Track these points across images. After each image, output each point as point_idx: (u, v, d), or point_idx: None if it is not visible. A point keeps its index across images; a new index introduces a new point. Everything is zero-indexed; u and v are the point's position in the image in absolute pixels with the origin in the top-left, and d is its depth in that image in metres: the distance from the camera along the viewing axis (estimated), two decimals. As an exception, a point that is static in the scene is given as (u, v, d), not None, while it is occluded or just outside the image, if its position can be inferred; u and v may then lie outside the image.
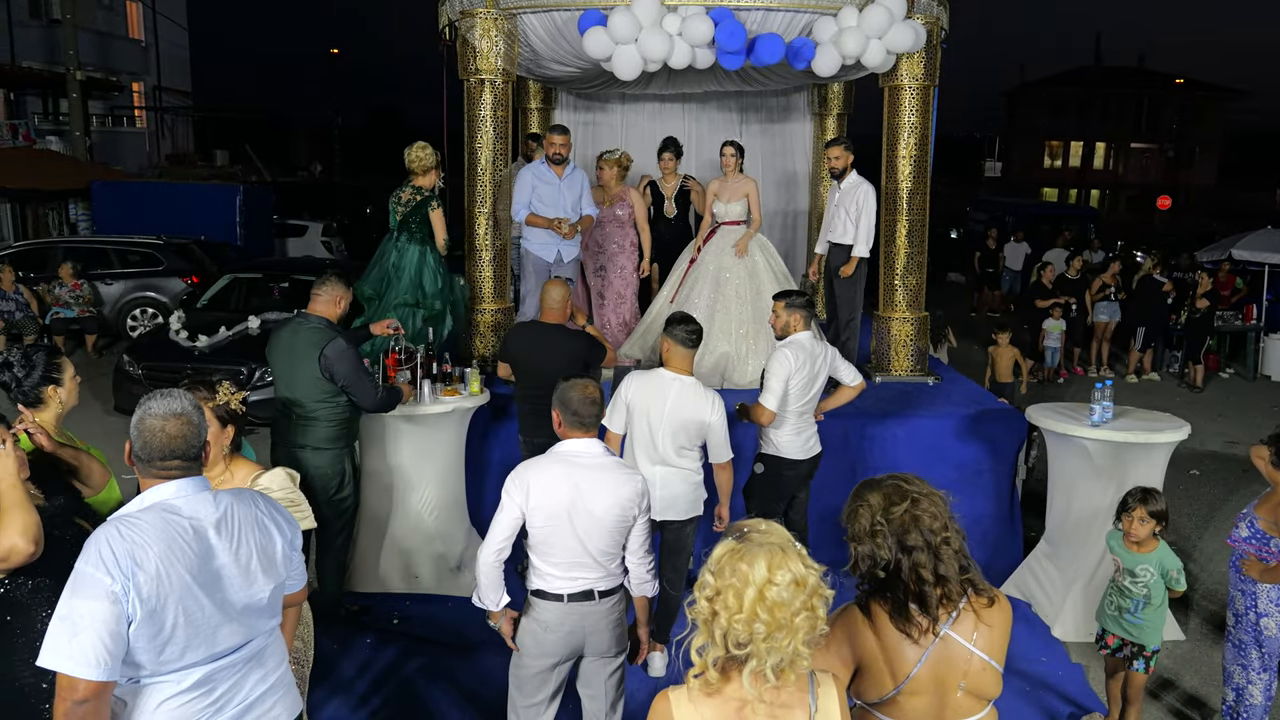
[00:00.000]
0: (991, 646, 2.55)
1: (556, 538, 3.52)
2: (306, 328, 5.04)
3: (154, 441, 2.55)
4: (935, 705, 2.56)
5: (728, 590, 2.14)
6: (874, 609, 2.57)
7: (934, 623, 2.52)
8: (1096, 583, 5.70)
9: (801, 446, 5.41)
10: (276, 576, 2.68)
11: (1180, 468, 8.66)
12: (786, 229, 10.14)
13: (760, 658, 2.13)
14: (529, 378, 5.62)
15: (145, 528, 2.44)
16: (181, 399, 2.62)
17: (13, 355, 3.67)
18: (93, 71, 25.58)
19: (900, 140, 7.43)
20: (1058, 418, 5.81)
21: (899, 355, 7.59)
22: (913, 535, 2.51)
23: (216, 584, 2.52)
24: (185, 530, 2.50)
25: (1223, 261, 14.48)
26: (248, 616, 2.60)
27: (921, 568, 2.50)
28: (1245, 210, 34.32)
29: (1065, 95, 55.36)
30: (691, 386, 4.79)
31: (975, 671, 2.54)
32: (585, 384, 3.67)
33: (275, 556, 2.68)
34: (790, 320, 5.33)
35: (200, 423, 2.63)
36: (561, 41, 7.07)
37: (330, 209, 22.78)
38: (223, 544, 2.55)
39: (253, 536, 2.63)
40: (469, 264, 7.51)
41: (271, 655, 2.75)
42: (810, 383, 5.30)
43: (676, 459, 4.82)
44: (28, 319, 12.52)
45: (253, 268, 12.70)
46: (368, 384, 5.06)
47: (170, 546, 2.44)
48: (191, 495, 2.57)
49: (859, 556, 2.58)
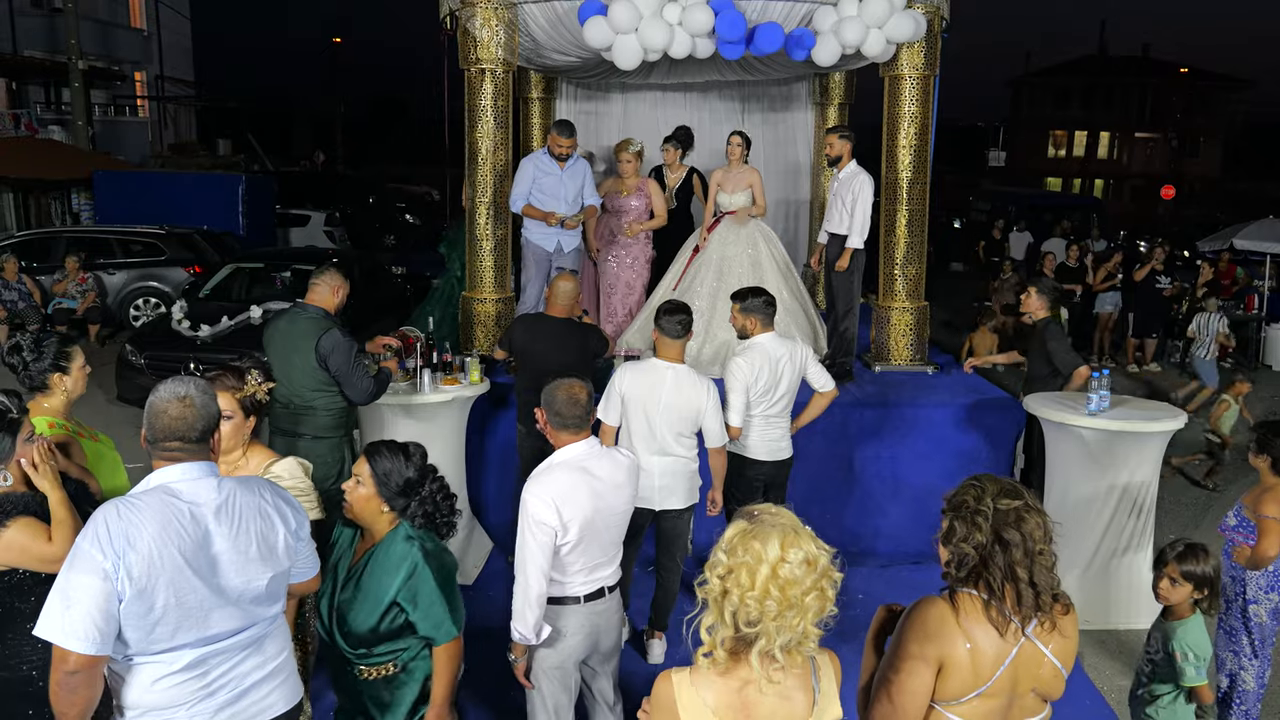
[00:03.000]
0: (1064, 653, 2.55)
1: (584, 544, 3.53)
2: (304, 317, 5.04)
3: (157, 423, 2.59)
4: (1005, 707, 2.55)
5: (740, 568, 2.16)
6: (963, 602, 2.50)
7: (1024, 622, 2.48)
8: (1093, 571, 5.73)
9: (766, 448, 5.26)
10: (277, 565, 2.69)
11: (1178, 457, 8.67)
12: (788, 219, 10.15)
13: (770, 637, 2.15)
14: (533, 371, 5.58)
15: (143, 508, 2.48)
16: (189, 384, 2.65)
17: (24, 340, 3.73)
18: (95, 61, 25.58)
19: (900, 130, 7.44)
20: (1054, 406, 5.83)
21: (898, 344, 7.61)
22: (1012, 533, 2.45)
23: (213, 568, 2.53)
24: (183, 513, 2.52)
25: (1223, 251, 14.48)
26: (245, 603, 2.61)
27: (1018, 565, 2.45)
28: (1250, 200, 34.24)
29: (1069, 84, 55.14)
30: (686, 373, 4.81)
31: (1047, 677, 2.54)
32: (571, 384, 3.63)
33: (277, 545, 2.68)
34: (747, 323, 5.19)
35: (205, 407, 2.64)
36: (562, 31, 7.07)
37: (333, 199, 22.81)
38: (221, 529, 2.57)
39: (254, 524, 2.64)
40: (469, 254, 7.54)
41: (272, 643, 2.75)
42: (773, 386, 5.14)
43: (675, 447, 4.84)
44: (30, 309, 12.55)
45: (255, 257, 12.74)
46: (360, 378, 5.06)
47: (165, 528, 2.47)
48: (195, 479, 2.59)
49: (953, 530, 2.52)
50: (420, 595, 3.03)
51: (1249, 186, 44.80)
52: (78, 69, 22.09)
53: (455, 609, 3.11)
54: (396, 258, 16.05)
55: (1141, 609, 5.48)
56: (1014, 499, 2.50)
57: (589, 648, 3.69)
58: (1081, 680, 5.13)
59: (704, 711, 2.22)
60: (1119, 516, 5.66)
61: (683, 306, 4.89)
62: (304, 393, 5.01)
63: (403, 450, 3.17)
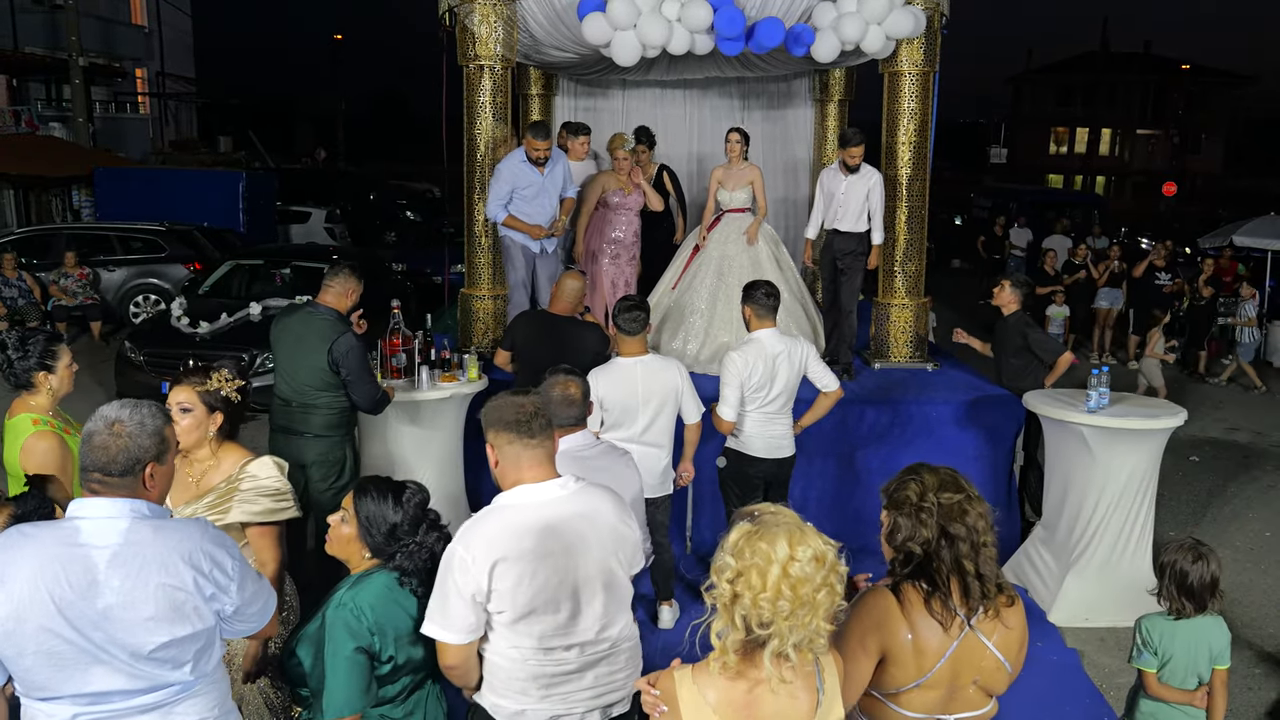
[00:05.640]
0: (1008, 646, 2.56)
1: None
2: (318, 318, 5.01)
3: (83, 448, 2.38)
4: (945, 698, 2.57)
5: (750, 570, 2.13)
6: (908, 594, 2.53)
7: (969, 614, 2.51)
8: (1092, 569, 5.72)
9: (765, 445, 5.24)
10: (182, 626, 2.32)
11: (1179, 454, 8.67)
12: (788, 216, 10.12)
13: (783, 637, 2.13)
14: (533, 368, 5.53)
15: (26, 545, 2.28)
16: (132, 408, 2.41)
17: (9, 337, 3.72)
18: (95, 57, 25.54)
19: (900, 126, 7.42)
20: (1054, 404, 5.81)
21: (898, 341, 7.59)
22: (957, 527, 2.50)
23: (94, 621, 2.25)
24: (71, 557, 2.26)
25: (1225, 248, 14.46)
26: (140, 664, 2.31)
27: (964, 559, 2.49)
28: (1252, 196, 34.17)
29: (1071, 81, 55.02)
30: (651, 361, 4.96)
31: (989, 670, 2.55)
32: (568, 382, 3.64)
33: (182, 605, 2.32)
34: (746, 313, 5.19)
35: (135, 439, 2.36)
36: (560, 27, 7.06)
37: (333, 195, 22.82)
38: (112, 580, 2.26)
39: (154, 578, 2.29)
40: (467, 250, 7.52)
41: (182, 713, 2.40)
42: (768, 382, 5.09)
43: (659, 438, 4.93)
44: (30, 305, 12.55)
45: (255, 254, 12.72)
46: (369, 384, 5.06)
47: (42, 570, 2.24)
48: (102, 519, 2.31)
49: (898, 527, 2.54)
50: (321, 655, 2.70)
51: (1251, 183, 44.72)
52: (78, 66, 22.09)
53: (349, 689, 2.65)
54: (397, 254, 16.05)
55: (1141, 607, 5.46)
56: (955, 492, 2.55)
57: None
58: (1081, 678, 5.13)
59: (704, 709, 2.21)
60: (1118, 514, 5.65)
61: (638, 304, 5.05)
62: (308, 391, 5.01)
63: (395, 491, 2.88)
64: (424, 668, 2.87)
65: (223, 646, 2.52)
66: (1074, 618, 5.65)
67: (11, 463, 3.73)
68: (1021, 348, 6.64)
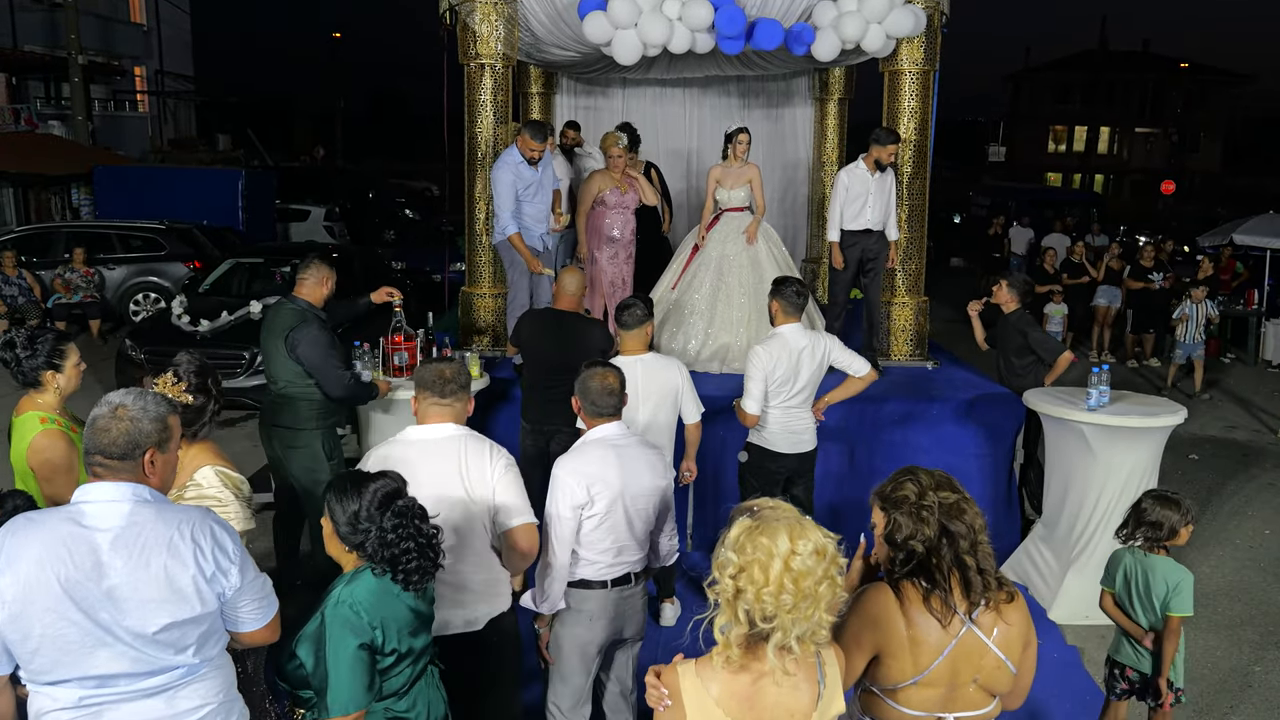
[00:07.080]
0: (1008, 644, 2.56)
1: (610, 522, 3.58)
2: (285, 309, 5.16)
3: (87, 432, 2.42)
4: (946, 696, 2.57)
5: (752, 565, 2.16)
6: (906, 591, 2.55)
7: (970, 610, 2.52)
8: (1093, 566, 5.72)
9: (788, 440, 5.26)
10: (185, 608, 2.36)
11: (1178, 452, 8.69)
12: (786, 215, 10.14)
13: (786, 630, 2.15)
14: (539, 365, 5.58)
15: (33, 529, 2.32)
16: (135, 396, 2.46)
17: (18, 336, 3.72)
18: (94, 55, 25.51)
19: (900, 125, 7.43)
20: (1054, 402, 5.83)
21: (898, 340, 7.61)
22: (957, 524, 2.52)
23: (101, 603, 2.29)
24: (76, 539, 2.30)
25: (1224, 246, 14.47)
26: (144, 646, 2.34)
27: (965, 554, 2.51)
28: (1250, 195, 34.19)
29: (1069, 80, 55.04)
30: (651, 360, 4.98)
31: (989, 668, 2.56)
32: (606, 373, 3.71)
33: (183, 587, 2.35)
34: (775, 309, 5.18)
35: (136, 423, 2.41)
36: (561, 26, 7.06)
37: (333, 194, 22.79)
38: (116, 561, 2.31)
39: (157, 559, 2.33)
40: (469, 249, 7.53)
41: (186, 697, 2.43)
42: (791, 377, 5.09)
43: (657, 437, 4.92)
44: (30, 304, 12.56)
45: (255, 252, 12.73)
46: (334, 371, 5.07)
47: (48, 553, 2.28)
48: (105, 502, 2.35)
49: (899, 526, 2.55)
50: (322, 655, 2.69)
51: (1249, 181, 44.71)
52: (78, 64, 22.06)
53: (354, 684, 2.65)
54: (397, 253, 16.05)
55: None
56: (952, 491, 2.58)
57: (610, 635, 3.73)
58: (1082, 676, 5.15)
59: (707, 702, 2.23)
60: (1119, 512, 5.64)
61: (639, 300, 5.09)
62: (281, 382, 5.14)
63: (359, 481, 2.80)
64: (425, 656, 2.90)
65: (225, 635, 2.53)
66: (1074, 615, 5.67)
67: (18, 461, 3.73)
68: (1022, 346, 6.66)
